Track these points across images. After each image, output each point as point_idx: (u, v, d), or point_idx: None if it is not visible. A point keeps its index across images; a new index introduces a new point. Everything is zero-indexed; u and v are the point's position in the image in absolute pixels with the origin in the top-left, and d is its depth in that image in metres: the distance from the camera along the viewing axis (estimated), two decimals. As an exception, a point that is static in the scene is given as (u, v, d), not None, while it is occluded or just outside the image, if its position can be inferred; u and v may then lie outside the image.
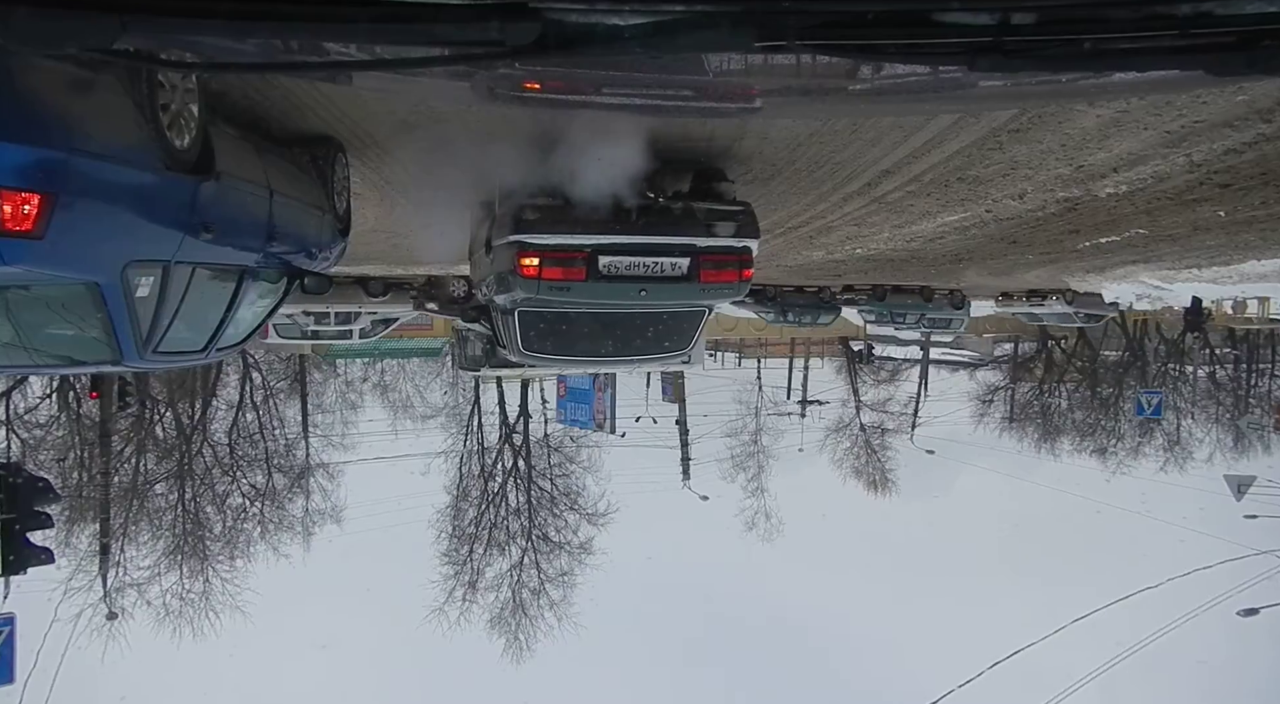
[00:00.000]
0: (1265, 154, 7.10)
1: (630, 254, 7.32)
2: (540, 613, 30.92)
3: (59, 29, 1.76)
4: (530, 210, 7.21)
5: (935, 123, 7.01)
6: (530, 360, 9.59)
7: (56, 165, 3.71)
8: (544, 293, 7.45)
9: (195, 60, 2.32)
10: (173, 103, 4.75)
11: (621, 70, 2.23)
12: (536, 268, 7.25)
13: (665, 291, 7.58)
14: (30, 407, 26.82)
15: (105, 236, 4.26)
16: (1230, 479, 24.17)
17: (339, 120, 7.38)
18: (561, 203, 7.12)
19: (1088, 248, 12.66)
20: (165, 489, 27.88)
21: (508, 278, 7.57)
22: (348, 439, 32.03)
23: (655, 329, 8.94)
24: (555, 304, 7.91)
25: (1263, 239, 10.71)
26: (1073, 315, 26.34)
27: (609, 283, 7.37)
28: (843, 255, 15.39)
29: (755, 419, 38.29)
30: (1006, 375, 39.69)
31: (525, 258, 7.18)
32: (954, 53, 1.80)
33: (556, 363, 10.41)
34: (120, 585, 25.92)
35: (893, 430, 39.38)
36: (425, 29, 1.73)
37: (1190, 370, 37.93)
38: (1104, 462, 36.53)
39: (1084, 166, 8.01)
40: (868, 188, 9.39)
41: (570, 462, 33.26)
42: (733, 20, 1.66)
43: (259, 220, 5.95)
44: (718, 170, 7.69)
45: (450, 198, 8.53)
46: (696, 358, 26.08)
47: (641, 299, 7.57)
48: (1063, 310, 25.39)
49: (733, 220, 7.57)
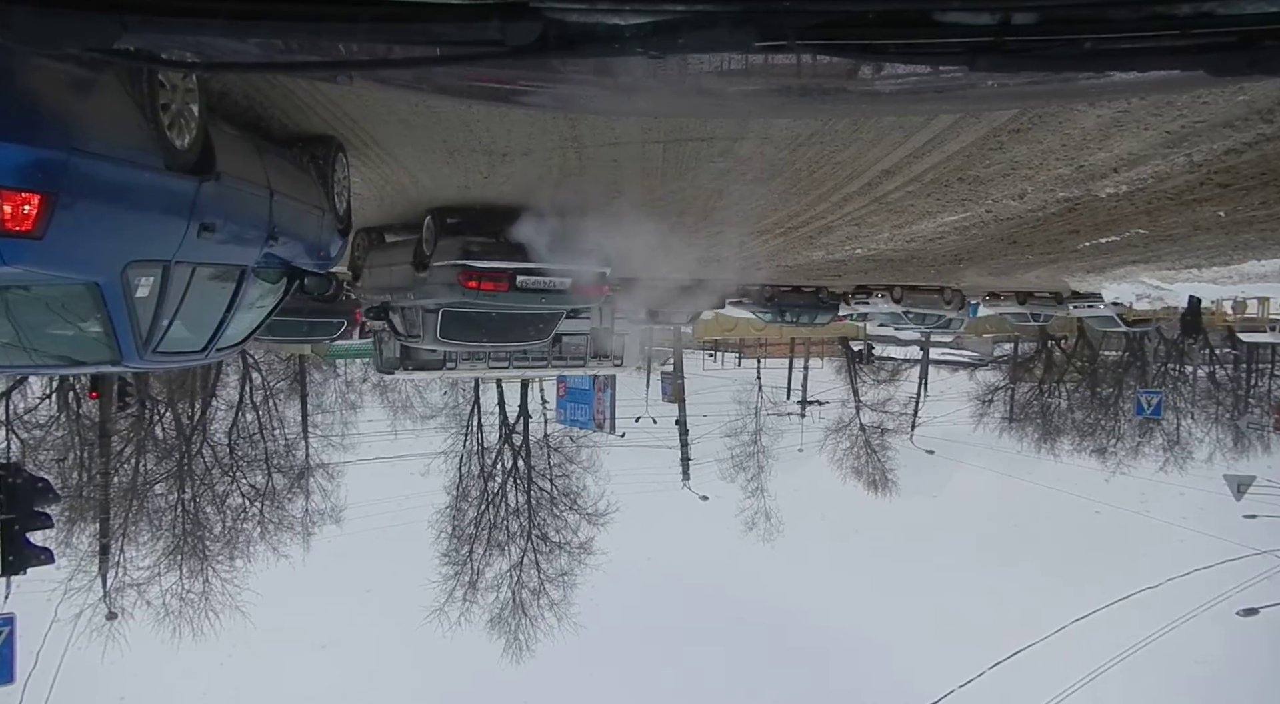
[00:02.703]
0: (1265, 154, 7.11)
1: (535, 275, 10.70)
2: (540, 613, 30.95)
3: (59, 29, 1.76)
4: (474, 244, 10.50)
5: (935, 123, 7.01)
6: (444, 346, 14.63)
7: (56, 165, 3.71)
8: (476, 298, 10.75)
9: (195, 60, 2.31)
10: (173, 103, 4.75)
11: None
12: (476, 283, 10.52)
13: (554, 300, 11.29)
14: (30, 407, 26.82)
15: (105, 236, 4.26)
16: (1230, 479, 24.19)
17: (339, 120, 7.39)
18: (494, 242, 10.51)
19: (1088, 248, 12.66)
20: (165, 489, 27.88)
21: (445, 288, 10.72)
22: (347, 439, 32.04)
23: (529, 323, 12.84)
24: (473, 306, 11.22)
25: (1263, 239, 10.71)
26: (1116, 319, 25.85)
27: (521, 293, 10.76)
28: (843, 255, 15.39)
29: (755, 419, 38.36)
30: (1006, 375, 39.69)
31: (468, 276, 10.45)
32: (954, 53, 1.80)
33: (462, 346, 15.28)
34: (120, 585, 25.95)
35: (892, 430, 39.44)
36: (425, 29, 1.74)
37: (1190, 370, 37.93)
38: (1104, 462, 36.56)
39: (1084, 166, 8.01)
40: (868, 188, 9.39)
41: (570, 462, 33.28)
42: (733, 20, 1.66)
43: (259, 220, 5.95)
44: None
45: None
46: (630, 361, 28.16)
47: (541, 304, 11.34)
48: (1107, 313, 24.97)
49: (593, 253, 10.84)
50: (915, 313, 24.19)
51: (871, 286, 23.37)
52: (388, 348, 23.49)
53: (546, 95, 2.40)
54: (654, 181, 9.42)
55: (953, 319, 26.71)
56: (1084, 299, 24.68)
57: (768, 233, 12.78)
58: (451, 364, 24.85)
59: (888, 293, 23.27)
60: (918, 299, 23.36)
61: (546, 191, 9.63)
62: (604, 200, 10.05)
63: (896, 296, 23.18)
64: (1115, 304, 23.31)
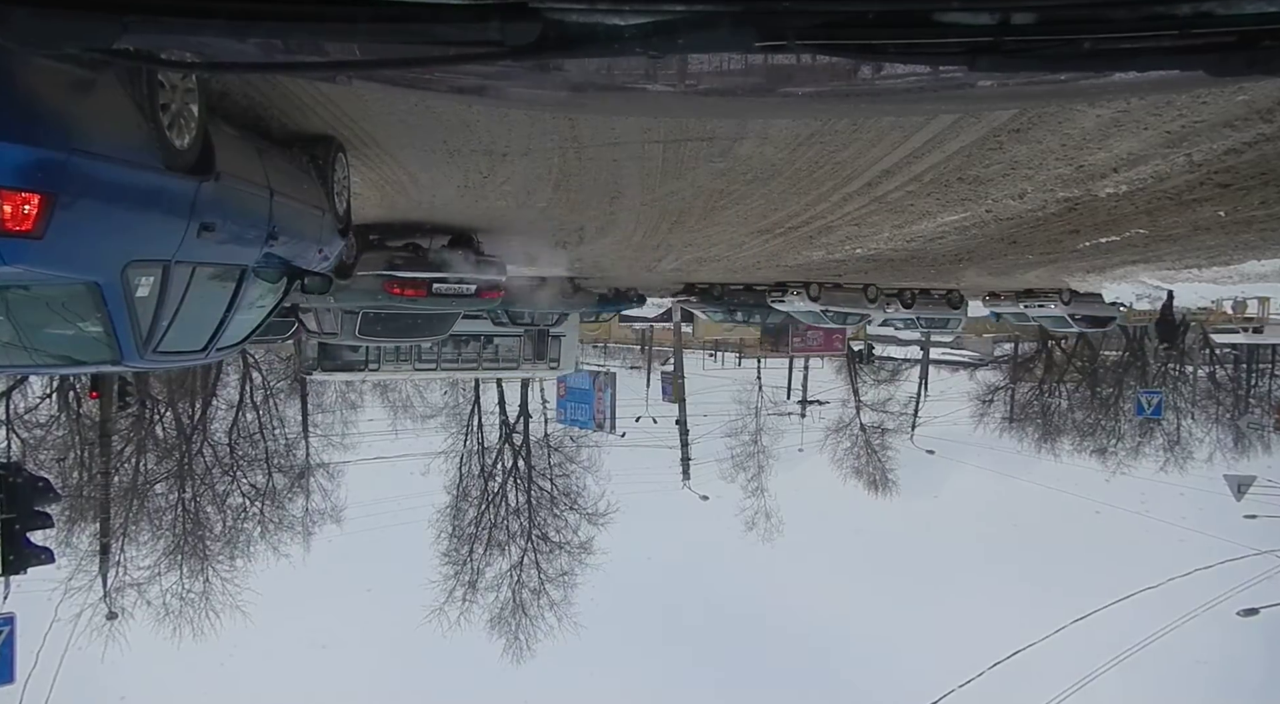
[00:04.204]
0: (1265, 154, 7.11)
1: (448, 283, 12.93)
2: (540, 613, 30.95)
3: (59, 29, 1.76)
4: (398, 257, 12.49)
5: (935, 123, 7.01)
6: (362, 342, 18.10)
7: (56, 165, 3.71)
8: (397, 303, 13.03)
9: (195, 60, 2.31)
10: (173, 103, 4.75)
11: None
12: (400, 290, 12.65)
13: (460, 303, 13.81)
14: (30, 407, 26.79)
15: (105, 236, 4.26)
16: (1230, 479, 24.18)
17: (339, 120, 7.40)
18: (413, 255, 12.62)
19: (1088, 248, 12.66)
20: (165, 489, 27.86)
21: (368, 294, 12.75)
22: (348, 439, 31.98)
23: (433, 321, 15.62)
24: (389, 308, 13.66)
25: (1263, 239, 10.72)
26: (1068, 318, 24.90)
27: (436, 298, 13.08)
28: (843, 255, 15.40)
29: (755, 419, 38.33)
30: (1006, 375, 39.65)
31: (393, 284, 12.53)
32: (954, 53, 1.80)
33: (377, 341, 18.08)
34: (120, 585, 25.92)
35: (893, 430, 39.41)
36: (425, 29, 1.74)
37: (1190, 370, 37.91)
38: (1104, 462, 36.53)
39: (1084, 166, 8.01)
40: (868, 188, 9.38)
41: (570, 461, 33.27)
42: (733, 20, 1.67)
43: (259, 220, 5.95)
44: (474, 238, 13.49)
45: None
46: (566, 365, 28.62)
47: (452, 306, 14.00)
48: (1057, 313, 24.18)
49: (493, 264, 13.60)
50: (834, 312, 23.03)
51: (789, 283, 22.12)
52: (307, 348, 23.64)
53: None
54: (654, 181, 9.43)
55: (946, 318, 26.34)
56: (1035, 298, 24.05)
57: (768, 233, 12.79)
58: (374, 365, 24.94)
59: (804, 290, 22.02)
60: (837, 297, 22.24)
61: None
62: (605, 200, 10.07)
63: (813, 294, 21.99)
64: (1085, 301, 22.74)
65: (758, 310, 24.77)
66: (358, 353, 23.44)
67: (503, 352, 26.08)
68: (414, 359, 25.07)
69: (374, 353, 23.81)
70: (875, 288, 22.74)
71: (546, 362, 27.10)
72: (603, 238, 13.73)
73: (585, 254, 16.03)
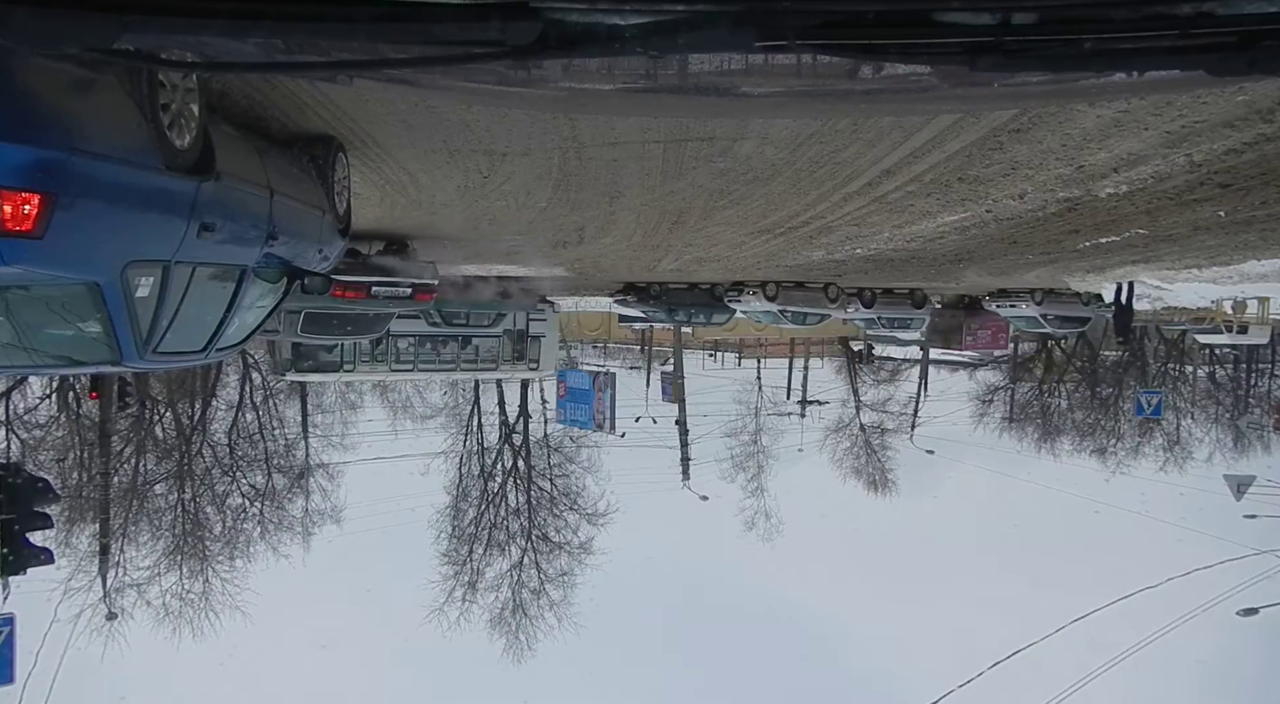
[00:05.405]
0: (1265, 154, 7.11)
1: (387, 287, 13.95)
2: (540, 613, 30.95)
3: (59, 29, 1.76)
4: (340, 263, 13.58)
5: (936, 123, 7.01)
6: (304, 340, 18.94)
7: (56, 165, 3.70)
8: (339, 304, 14.10)
9: (195, 60, 2.31)
10: (173, 103, 4.75)
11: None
12: (342, 293, 13.48)
13: (394, 304, 14.75)
14: (30, 407, 26.78)
15: (105, 236, 4.26)
16: (1230, 479, 24.18)
17: (339, 120, 7.40)
18: (354, 261, 13.10)
19: (1088, 248, 12.66)
20: (165, 489, 27.84)
21: (310, 295, 13.26)
22: (348, 439, 31.98)
23: (371, 321, 16.61)
24: (330, 309, 14.80)
25: (1263, 239, 10.71)
26: (1040, 319, 24.52)
27: (376, 300, 14.09)
28: (843, 255, 15.40)
29: (755, 419, 38.34)
30: (1006, 375, 39.64)
31: (338, 288, 13.06)
32: (954, 53, 1.80)
33: (317, 339, 18.73)
34: (120, 585, 25.90)
35: (892, 430, 39.42)
36: (425, 29, 1.74)
37: (1190, 370, 37.93)
38: (1103, 461, 36.53)
39: (1084, 166, 8.01)
40: (868, 188, 9.38)
41: (570, 462, 33.26)
42: (733, 20, 1.67)
43: (259, 220, 5.95)
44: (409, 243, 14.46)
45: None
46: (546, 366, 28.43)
47: (390, 307, 15.01)
48: (1029, 313, 23.91)
49: (427, 268, 14.65)
50: (793, 312, 22.60)
51: (746, 283, 21.82)
52: (281, 349, 23.57)
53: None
54: (654, 181, 9.43)
55: (909, 318, 25.89)
56: (1005, 298, 23.92)
57: (768, 233, 12.79)
58: (350, 366, 24.85)
59: (760, 290, 21.70)
60: (795, 297, 21.88)
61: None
62: (605, 200, 10.07)
63: (770, 293, 21.63)
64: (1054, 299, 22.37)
65: (704, 310, 24.49)
66: (332, 354, 23.36)
67: (482, 352, 25.93)
68: (390, 360, 24.91)
69: (349, 354, 23.69)
70: (836, 287, 22.31)
71: (526, 362, 26.92)
72: (603, 238, 13.73)
73: (585, 254, 16.05)
